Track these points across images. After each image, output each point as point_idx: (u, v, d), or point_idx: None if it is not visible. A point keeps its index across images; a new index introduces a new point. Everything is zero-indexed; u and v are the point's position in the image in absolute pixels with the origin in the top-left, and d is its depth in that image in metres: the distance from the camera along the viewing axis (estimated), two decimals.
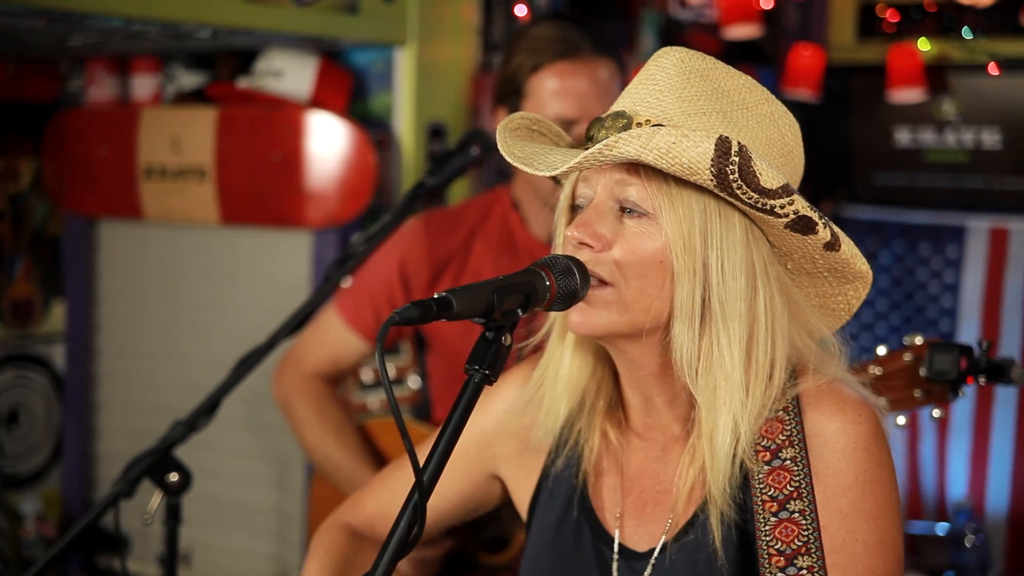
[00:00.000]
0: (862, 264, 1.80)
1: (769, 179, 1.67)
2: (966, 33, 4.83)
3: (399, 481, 2.09)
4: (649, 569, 1.83)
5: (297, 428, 3.16)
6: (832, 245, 1.76)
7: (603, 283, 1.73)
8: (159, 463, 2.49)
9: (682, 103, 1.73)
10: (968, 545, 3.62)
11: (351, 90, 3.85)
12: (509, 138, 1.81)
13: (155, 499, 2.54)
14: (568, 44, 2.87)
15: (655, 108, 1.74)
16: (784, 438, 1.75)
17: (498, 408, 2.01)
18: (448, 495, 2.06)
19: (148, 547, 4.12)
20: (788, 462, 1.72)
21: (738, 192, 1.67)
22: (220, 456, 3.99)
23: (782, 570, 1.67)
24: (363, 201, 3.72)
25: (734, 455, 1.75)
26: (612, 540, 1.88)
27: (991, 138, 4.87)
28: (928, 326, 5.13)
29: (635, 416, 1.90)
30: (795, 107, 1.81)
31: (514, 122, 1.84)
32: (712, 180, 1.66)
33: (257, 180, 3.84)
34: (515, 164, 1.74)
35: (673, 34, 4.77)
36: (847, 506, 1.72)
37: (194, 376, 4.12)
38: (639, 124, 1.72)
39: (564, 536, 1.91)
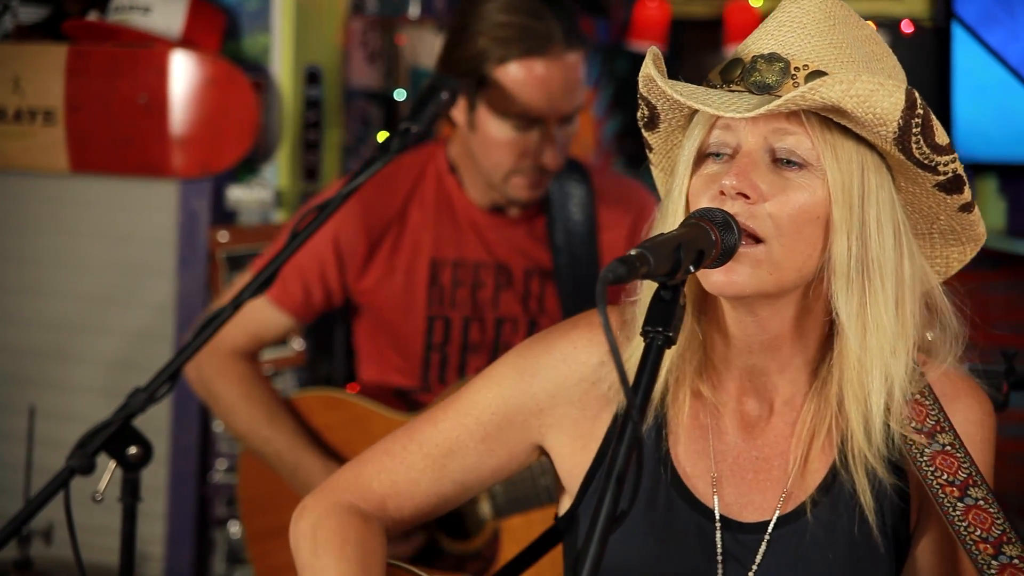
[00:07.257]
0: (982, 227, 1.75)
1: (942, 135, 1.62)
2: None
3: (414, 455, 1.86)
4: (764, 545, 1.73)
5: (224, 414, 2.90)
6: (968, 206, 1.70)
7: (754, 240, 1.62)
8: (117, 435, 2.26)
9: (834, 49, 1.65)
10: None
11: (224, 30, 3.59)
12: (661, 77, 1.67)
13: (106, 474, 2.30)
14: (539, 38, 2.67)
15: (809, 53, 1.64)
16: (933, 423, 1.70)
17: (557, 375, 1.82)
18: (478, 468, 1.87)
19: None
20: (949, 447, 1.69)
21: (912, 146, 1.60)
22: None
23: (993, 558, 1.64)
24: (242, 149, 3.48)
25: (888, 425, 1.69)
26: (709, 510, 1.76)
27: None
28: None
29: (729, 378, 1.77)
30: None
31: (648, 58, 1.68)
32: (894, 133, 1.59)
33: (117, 124, 3.53)
34: (691, 104, 1.61)
35: None
36: None
37: (32, 340, 3.80)
38: (796, 68, 1.63)
39: (657, 507, 1.77)
